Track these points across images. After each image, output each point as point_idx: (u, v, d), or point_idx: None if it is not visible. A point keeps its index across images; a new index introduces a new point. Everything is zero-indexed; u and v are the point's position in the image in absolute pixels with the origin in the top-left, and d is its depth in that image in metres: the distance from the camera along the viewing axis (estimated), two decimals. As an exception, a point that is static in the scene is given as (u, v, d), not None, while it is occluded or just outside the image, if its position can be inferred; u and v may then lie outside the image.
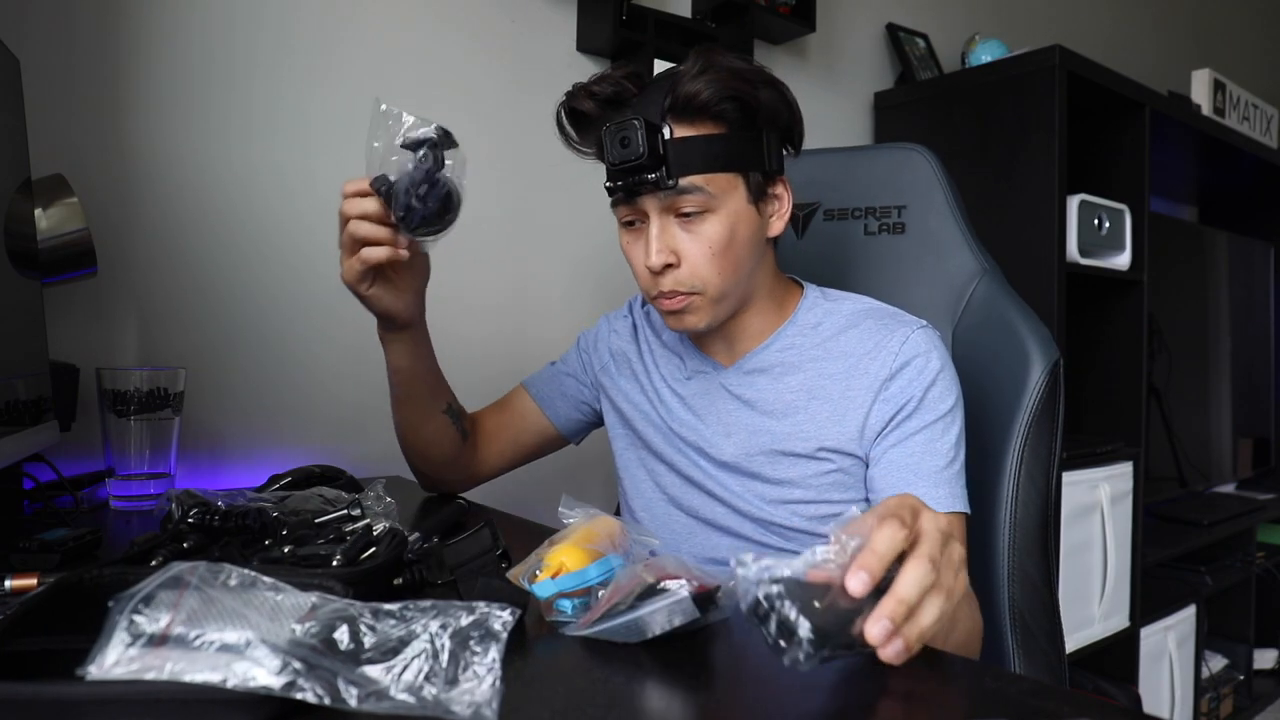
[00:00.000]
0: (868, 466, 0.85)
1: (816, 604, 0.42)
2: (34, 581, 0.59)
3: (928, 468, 0.81)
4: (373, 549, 0.58)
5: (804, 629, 0.41)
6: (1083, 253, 1.76)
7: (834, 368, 0.87)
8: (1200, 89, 2.35)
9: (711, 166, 0.80)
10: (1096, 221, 1.78)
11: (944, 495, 0.80)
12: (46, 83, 1.06)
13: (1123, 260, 1.87)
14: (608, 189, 0.83)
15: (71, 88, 1.08)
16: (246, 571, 0.44)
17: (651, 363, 0.99)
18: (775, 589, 0.43)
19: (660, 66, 1.51)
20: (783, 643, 0.42)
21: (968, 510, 0.81)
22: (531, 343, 1.49)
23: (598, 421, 1.08)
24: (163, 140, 1.15)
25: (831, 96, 1.96)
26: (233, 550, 0.61)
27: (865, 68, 2.03)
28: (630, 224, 0.85)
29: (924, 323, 0.87)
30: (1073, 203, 1.72)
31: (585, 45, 1.55)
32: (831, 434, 0.85)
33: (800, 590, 0.43)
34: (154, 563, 0.58)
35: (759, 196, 0.85)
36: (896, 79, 2.06)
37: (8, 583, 0.59)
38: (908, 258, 1.10)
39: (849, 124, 2.00)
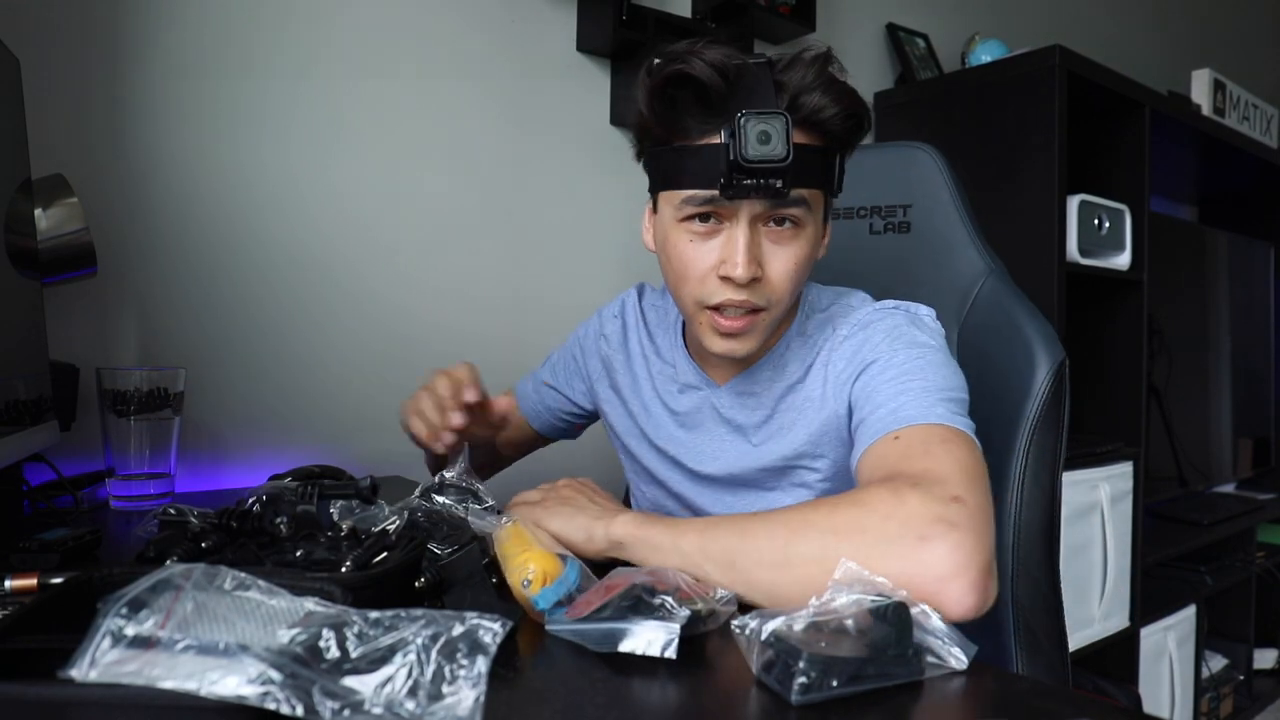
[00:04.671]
0: (852, 415, 0.77)
1: (823, 645, 0.46)
2: (34, 581, 0.59)
3: (912, 387, 0.71)
4: (385, 553, 0.58)
5: (804, 660, 0.44)
6: (1083, 253, 1.76)
7: (808, 364, 0.83)
8: (1200, 89, 2.35)
9: (817, 180, 0.74)
10: (1096, 221, 1.78)
11: (930, 407, 0.69)
12: (46, 83, 1.05)
13: (1123, 260, 1.87)
14: (718, 184, 0.71)
15: (71, 88, 1.08)
16: (243, 575, 0.44)
17: (643, 372, 0.95)
18: (775, 635, 0.47)
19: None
20: (792, 679, 0.44)
21: (960, 428, 0.69)
22: (532, 341, 1.49)
23: (591, 417, 1.08)
24: (163, 140, 1.15)
25: (831, 96, 1.95)
26: (249, 551, 0.60)
27: (865, 68, 2.03)
28: (694, 219, 0.75)
29: (895, 303, 0.83)
30: (1073, 203, 1.72)
31: (585, 45, 1.55)
32: (815, 431, 0.81)
33: (799, 634, 0.47)
34: (169, 563, 0.58)
35: (826, 220, 0.80)
36: (896, 79, 2.06)
37: (8, 583, 0.58)
38: (913, 257, 1.09)
39: (849, 124, 1.99)
